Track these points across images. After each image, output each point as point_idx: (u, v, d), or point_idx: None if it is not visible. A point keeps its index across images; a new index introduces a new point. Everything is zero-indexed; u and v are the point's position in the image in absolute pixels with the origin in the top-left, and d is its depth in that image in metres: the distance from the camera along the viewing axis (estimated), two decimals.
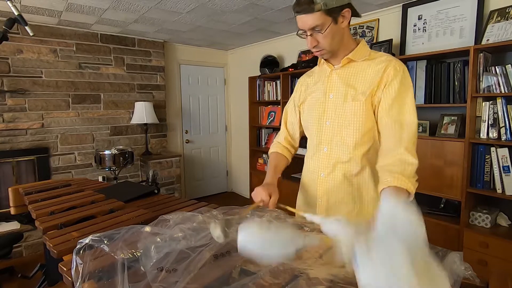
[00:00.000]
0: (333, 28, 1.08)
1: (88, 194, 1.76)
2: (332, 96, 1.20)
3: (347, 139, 1.17)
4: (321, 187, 1.25)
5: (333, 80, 1.21)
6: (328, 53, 1.15)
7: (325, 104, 1.22)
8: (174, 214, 1.08)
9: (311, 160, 1.30)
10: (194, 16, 3.15)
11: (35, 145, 3.29)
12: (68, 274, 0.89)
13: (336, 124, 1.19)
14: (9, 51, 3.10)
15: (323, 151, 1.24)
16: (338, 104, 1.18)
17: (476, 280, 0.78)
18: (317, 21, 1.05)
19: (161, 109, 4.17)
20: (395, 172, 0.99)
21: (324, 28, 1.06)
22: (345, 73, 1.19)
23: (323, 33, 1.07)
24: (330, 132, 1.21)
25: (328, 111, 1.21)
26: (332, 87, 1.21)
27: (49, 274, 2.26)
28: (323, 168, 1.24)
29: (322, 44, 1.11)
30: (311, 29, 1.07)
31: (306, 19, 1.06)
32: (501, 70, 2.06)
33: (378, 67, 1.13)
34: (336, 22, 1.08)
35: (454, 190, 2.24)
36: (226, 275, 0.83)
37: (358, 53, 1.17)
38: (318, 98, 1.25)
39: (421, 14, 2.68)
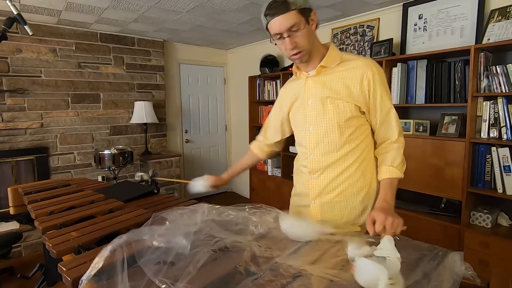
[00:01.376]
0: (308, 28, 1.11)
1: (88, 194, 1.75)
2: (311, 103, 1.24)
3: (331, 142, 1.21)
4: (313, 189, 1.28)
5: (310, 87, 1.24)
6: (307, 54, 1.16)
7: (306, 111, 1.26)
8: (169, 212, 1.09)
9: (301, 165, 1.33)
10: (194, 15, 3.14)
11: (34, 144, 3.28)
12: (67, 275, 0.88)
13: (319, 129, 1.23)
14: (8, 50, 3.09)
15: (311, 157, 1.27)
16: (318, 109, 1.22)
17: (476, 280, 0.78)
18: (294, 20, 1.07)
19: (160, 108, 4.16)
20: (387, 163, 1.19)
21: (301, 26, 1.08)
22: (320, 79, 1.22)
23: (301, 30, 1.09)
24: (314, 138, 1.25)
25: (309, 117, 1.25)
26: (310, 94, 1.24)
27: (48, 274, 2.25)
28: (313, 171, 1.27)
29: (301, 44, 1.12)
30: (288, 30, 1.08)
31: (282, 20, 1.07)
32: (502, 70, 2.06)
33: (355, 72, 1.17)
34: (308, 23, 1.11)
35: (455, 190, 2.24)
36: (226, 275, 0.82)
37: (329, 59, 1.19)
38: (299, 106, 1.29)
39: (421, 13, 2.67)
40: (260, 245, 0.98)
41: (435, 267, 0.80)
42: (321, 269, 0.84)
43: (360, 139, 1.22)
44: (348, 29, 3.23)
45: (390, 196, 1.14)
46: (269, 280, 0.79)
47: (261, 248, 0.96)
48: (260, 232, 1.07)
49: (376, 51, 2.81)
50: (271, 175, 3.93)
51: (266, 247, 0.97)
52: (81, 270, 0.89)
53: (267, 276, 0.80)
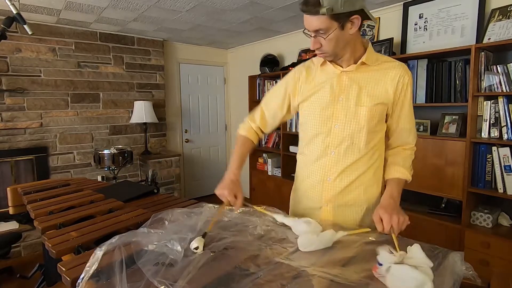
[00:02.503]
0: (338, 33, 1.03)
1: (87, 193, 1.75)
2: (342, 99, 1.16)
3: (358, 143, 1.16)
4: (328, 192, 1.21)
5: (344, 82, 1.16)
6: (330, 56, 1.13)
7: (334, 106, 1.17)
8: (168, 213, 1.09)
9: (315, 164, 1.24)
10: (193, 15, 3.14)
11: (34, 144, 3.27)
12: (67, 275, 0.88)
13: (347, 128, 1.16)
14: (7, 50, 3.08)
15: (331, 155, 1.19)
16: (349, 108, 1.15)
17: (477, 280, 0.78)
18: (321, 24, 1.01)
19: (160, 108, 4.15)
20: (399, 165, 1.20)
21: (327, 32, 1.02)
22: (357, 77, 1.15)
23: (325, 38, 1.04)
24: (339, 136, 1.17)
25: (338, 114, 1.17)
26: (343, 90, 1.16)
27: (48, 274, 2.25)
28: (330, 173, 1.20)
29: (324, 48, 1.08)
30: (315, 31, 1.04)
31: (311, 21, 1.03)
32: (502, 69, 2.05)
33: (391, 74, 1.15)
34: (343, 28, 1.03)
35: (455, 190, 2.23)
36: (226, 274, 0.82)
37: (370, 57, 1.15)
38: (325, 99, 1.18)
39: (422, 12, 2.66)
40: (260, 244, 0.98)
41: (435, 267, 0.80)
42: (321, 269, 0.84)
43: (380, 144, 1.22)
44: None
45: (396, 193, 1.13)
46: (269, 280, 0.78)
47: (261, 248, 0.95)
48: (259, 233, 1.07)
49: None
50: (271, 175, 3.92)
51: (266, 246, 0.97)
52: (80, 270, 0.89)
53: (267, 276, 0.80)
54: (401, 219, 1.00)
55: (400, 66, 1.16)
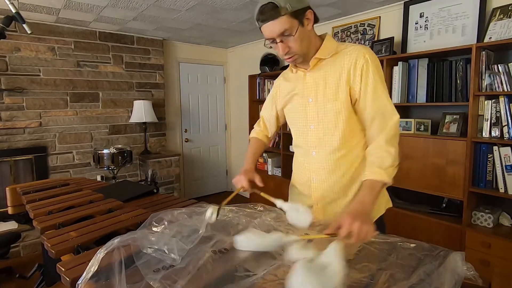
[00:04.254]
0: (301, 31, 1.06)
1: (87, 193, 1.74)
2: (312, 100, 1.20)
3: (334, 139, 1.17)
4: (316, 192, 1.24)
5: (308, 83, 1.20)
6: (300, 57, 1.13)
7: (306, 108, 1.22)
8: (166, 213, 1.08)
9: (301, 165, 1.29)
10: (193, 14, 3.13)
11: (33, 144, 3.26)
12: (66, 275, 0.87)
13: (321, 127, 1.19)
14: (6, 49, 3.07)
15: (312, 155, 1.23)
16: (319, 106, 1.18)
17: (478, 280, 0.78)
18: (285, 25, 1.03)
19: (160, 107, 4.14)
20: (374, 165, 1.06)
21: (293, 31, 1.04)
22: (317, 74, 1.18)
23: (294, 36, 1.05)
24: (315, 136, 1.21)
25: (310, 115, 1.21)
26: (310, 91, 1.20)
27: (47, 274, 2.24)
28: (314, 173, 1.23)
29: (293, 49, 1.09)
30: (280, 35, 1.05)
31: (273, 26, 1.04)
32: (503, 68, 2.05)
33: (347, 58, 1.12)
34: (303, 25, 1.06)
35: (456, 190, 2.23)
36: (226, 274, 0.82)
37: (324, 50, 1.15)
38: (299, 103, 1.24)
39: (422, 11, 2.66)
40: None
41: (436, 267, 0.80)
42: None
43: (362, 135, 1.18)
44: (349, 28, 3.22)
45: (368, 199, 1.00)
46: (269, 280, 0.78)
47: None
48: None
49: (377, 50, 2.79)
50: (271, 175, 3.91)
51: None
52: (80, 270, 0.89)
53: (267, 276, 0.79)
54: (364, 227, 0.88)
55: (355, 50, 1.11)
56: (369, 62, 1.10)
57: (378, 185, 1.04)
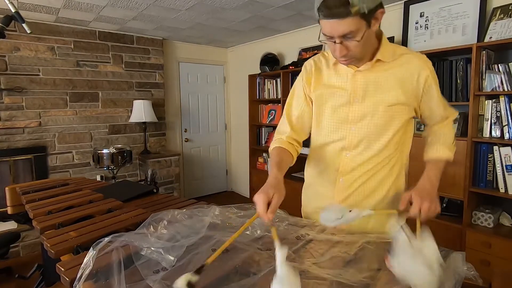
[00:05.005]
0: (367, 33, 0.92)
1: (86, 193, 1.74)
2: (358, 101, 1.09)
3: (376, 145, 1.10)
4: (340, 193, 1.17)
5: (359, 83, 1.09)
6: (357, 60, 1.04)
7: (349, 109, 1.10)
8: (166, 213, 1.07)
9: (327, 164, 1.19)
10: (193, 13, 3.12)
11: (33, 144, 3.26)
12: (65, 275, 0.87)
13: (364, 131, 1.10)
14: (6, 48, 3.07)
15: (345, 157, 1.14)
16: (367, 110, 1.08)
17: (478, 280, 0.78)
18: (352, 26, 0.88)
19: (160, 107, 4.14)
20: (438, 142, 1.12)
21: (358, 34, 0.90)
22: (373, 76, 1.07)
23: (358, 41, 0.92)
24: (355, 139, 1.11)
25: (354, 117, 1.10)
26: (358, 92, 1.09)
27: (46, 275, 2.24)
28: (343, 173, 1.15)
29: (353, 52, 0.96)
30: (341, 36, 0.91)
31: (337, 25, 0.88)
32: (504, 68, 2.04)
33: (410, 68, 1.05)
34: (370, 26, 0.92)
35: (457, 190, 2.22)
36: (226, 275, 0.81)
37: (385, 52, 1.05)
38: (339, 102, 1.12)
39: (423, 11, 2.65)
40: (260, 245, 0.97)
41: None
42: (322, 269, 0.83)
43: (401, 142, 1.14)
44: None
45: (434, 177, 1.05)
46: (269, 280, 0.77)
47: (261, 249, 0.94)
48: (259, 234, 1.05)
49: None
50: None
51: (266, 248, 0.95)
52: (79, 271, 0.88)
53: (267, 276, 0.79)
54: (432, 206, 0.93)
55: (418, 59, 1.06)
56: (432, 72, 1.08)
57: (442, 162, 1.10)
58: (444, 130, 1.14)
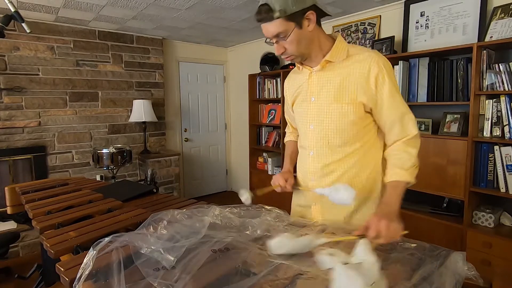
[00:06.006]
0: (298, 33, 1.04)
1: (86, 193, 1.73)
2: (314, 99, 1.18)
3: (334, 142, 1.16)
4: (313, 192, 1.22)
5: (313, 82, 1.18)
6: (298, 57, 1.13)
7: (308, 107, 1.20)
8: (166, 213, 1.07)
9: (301, 164, 1.30)
10: (193, 13, 3.12)
11: (32, 143, 3.25)
12: (65, 275, 0.87)
13: (320, 127, 1.17)
14: (5, 48, 3.06)
15: (310, 155, 1.22)
16: (321, 107, 1.16)
17: (479, 280, 0.78)
18: (279, 28, 1.02)
19: (159, 107, 4.13)
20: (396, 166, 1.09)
21: (287, 34, 1.03)
22: (324, 74, 1.15)
23: (286, 40, 1.05)
24: (314, 136, 1.19)
25: (311, 114, 1.20)
26: (313, 90, 1.18)
27: (46, 275, 2.23)
28: (312, 172, 1.23)
29: (289, 50, 1.09)
30: (275, 37, 1.05)
31: (268, 28, 1.04)
32: (504, 68, 2.04)
33: (359, 65, 1.09)
34: (301, 27, 1.04)
35: (457, 189, 2.22)
36: (226, 274, 0.81)
37: (335, 53, 1.12)
38: (302, 101, 1.23)
39: (423, 10, 2.65)
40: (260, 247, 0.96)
41: (437, 267, 0.79)
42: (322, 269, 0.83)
43: (364, 139, 1.16)
44: (349, 27, 3.21)
45: (394, 199, 1.04)
46: (269, 280, 0.77)
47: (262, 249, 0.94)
48: (259, 233, 1.05)
49: (378, 49, 2.78)
50: (271, 175, 3.91)
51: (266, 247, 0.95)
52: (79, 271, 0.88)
53: (267, 276, 0.79)
54: (392, 226, 0.91)
55: (369, 57, 1.09)
56: (383, 70, 1.08)
57: (401, 185, 1.07)
58: (402, 154, 1.09)
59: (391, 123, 1.11)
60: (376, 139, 1.20)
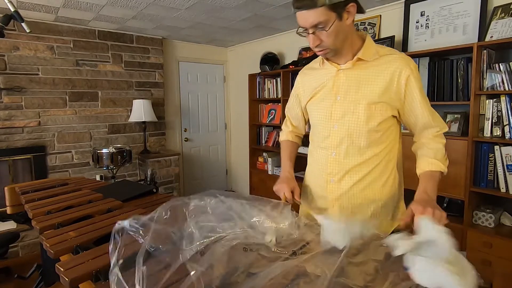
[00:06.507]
0: (337, 25, 1.00)
1: (86, 193, 1.73)
2: (340, 99, 1.14)
3: (359, 143, 1.13)
4: (332, 193, 1.20)
5: (341, 81, 1.14)
6: (331, 51, 1.09)
7: (332, 107, 1.15)
8: None
9: (318, 165, 1.24)
10: (193, 13, 3.11)
11: (32, 143, 3.25)
12: (65, 275, 0.86)
13: (345, 128, 1.13)
14: (5, 48, 3.05)
15: (331, 156, 1.18)
16: (348, 107, 1.12)
17: (479, 280, 0.77)
18: (320, 17, 0.98)
19: (159, 107, 4.13)
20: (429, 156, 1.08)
21: (328, 25, 0.99)
22: (355, 74, 1.12)
23: (327, 31, 1.00)
24: (338, 137, 1.15)
25: (336, 114, 1.15)
26: (340, 89, 1.14)
27: (46, 275, 2.23)
28: (332, 173, 1.18)
29: (325, 43, 1.04)
30: (313, 27, 1.01)
31: (307, 16, 0.99)
32: (505, 67, 2.04)
33: (390, 69, 1.08)
34: (341, 19, 1.00)
35: (457, 189, 2.22)
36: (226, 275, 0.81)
37: (367, 51, 1.10)
38: (324, 99, 1.18)
39: (423, 10, 2.65)
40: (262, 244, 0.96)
41: None
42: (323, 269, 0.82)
43: (388, 141, 1.15)
44: None
45: (430, 188, 1.02)
46: (270, 280, 0.77)
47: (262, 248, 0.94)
48: None
49: None
50: (271, 174, 3.90)
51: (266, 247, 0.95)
52: (79, 271, 0.88)
53: (268, 276, 0.78)
54: (437, 212, 0.90)
55: (400, 59, 1.09)
56: (414, 73, 1.08)
57: (436, 174, 1.06)
58: (434, 145, 1.10)
59: (424, 123, 1.11)
60: (396, 143, 1.19)
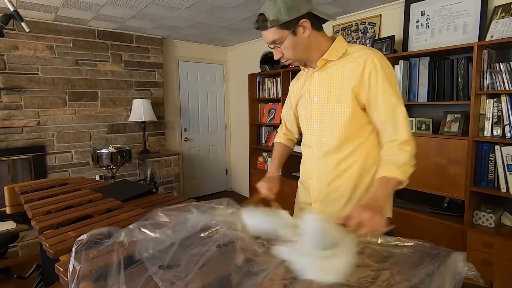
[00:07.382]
0: (293, 39, 1.10)
1: (85, 193, 1.73)
2: (317, 99, 1.22)
3: (333, 140, 1.18)
4: (314, 190, 1.27)
5: (315, 82, 1.22)
6: (295, 61, 1.18)
7: (311, 107, 1.24)
8: None
9: (304, 161, 1.34)
10: (193, 12, 3.11)
11: (31, 143, 3.24)
12: (64, 275, 0.86)
13: (323, 126, 1.20)
14: (4, 47, 3.05)
15: (312, 154, 1.26)
16: (322, 106, 1.19)
17: (480, 280, 0.77)
18: (274, 35, 1.09)
19: (159, 106, 4.13)
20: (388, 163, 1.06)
21: (282, 41, 1.10)
22: (325, 74, 1.19)
23: (285, 43, 1.10)
24: (317, 135, 1.23)
25: (314, 114, 1.23)
26: (315, 90, 1.22)
27: (45, 275, 2.22)
28: (314, 170, 1.26)
29: (286, 55, 1.15)
30: (272, 43, 1.13)
31: (265, 35, 1.12)
32: (505, 67, 2.04)
33: (355, 63, 1.11)
34: (295, 34, 1.09)
35: (458, 189, 2.22)
36: (226, 275, 0.80)
37: (332, 52, 1.15)
38: (305, 102, 1.27)
39: (424, 10, 2.64)
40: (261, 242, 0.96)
41: (437, 267, 0.79)
42: None
43: (363, 137, 1.16)
44: (350, 26, 3.20)
45: (381, 195, 1.01)
46: (270, 280, 0.77)
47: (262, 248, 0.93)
48: None
49: (378, 48, 2.77)
50: None
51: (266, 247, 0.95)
52: None
53: (268, 276, 0.78)
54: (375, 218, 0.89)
55: (364, 55, 1.09)
56: (377, 67, 1.07)
57: (391, 181, 1.03)
58: (394, 151, 1.06)
59: (384, 122, 1.10)
60: (375, 139, 1.19)
